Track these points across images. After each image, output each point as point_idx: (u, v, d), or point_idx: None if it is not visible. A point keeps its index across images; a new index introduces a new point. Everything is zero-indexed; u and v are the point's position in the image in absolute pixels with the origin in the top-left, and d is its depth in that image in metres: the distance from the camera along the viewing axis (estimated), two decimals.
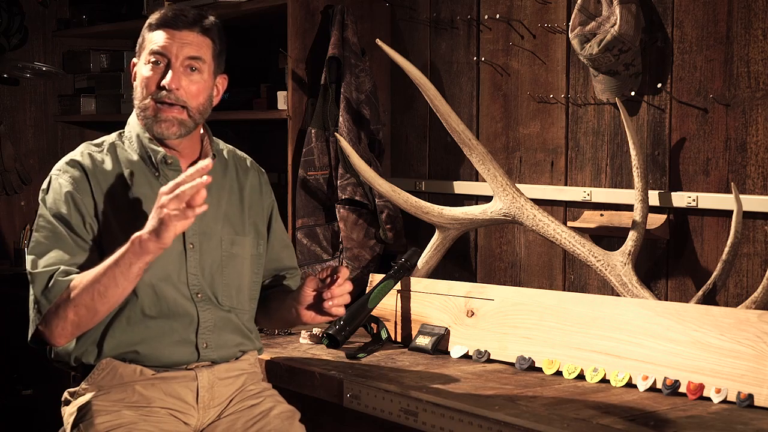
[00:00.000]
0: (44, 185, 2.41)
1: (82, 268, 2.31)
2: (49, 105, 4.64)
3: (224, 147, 2.59)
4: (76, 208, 2.35)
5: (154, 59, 2.38)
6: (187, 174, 2.13)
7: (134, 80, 2.46)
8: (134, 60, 2.47)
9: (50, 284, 2.27)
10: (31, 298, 2.32)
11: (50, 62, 4.58)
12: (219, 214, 2.48)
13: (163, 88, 2.37)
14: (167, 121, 2.39)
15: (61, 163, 2.43)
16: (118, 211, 2.37)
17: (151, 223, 2.15)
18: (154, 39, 2.39)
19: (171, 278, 2.39)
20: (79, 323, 2.27)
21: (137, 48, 2.45)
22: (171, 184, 2.14)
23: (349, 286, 2.46)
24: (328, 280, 2.45)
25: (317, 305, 2.47)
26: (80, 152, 2.44)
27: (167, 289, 2.38)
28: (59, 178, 2.39)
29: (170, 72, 2.37)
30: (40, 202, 2.40)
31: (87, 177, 2.38)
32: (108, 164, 2.41)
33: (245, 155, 2.63)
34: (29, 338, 2.34)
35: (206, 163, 2.13)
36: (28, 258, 2.34)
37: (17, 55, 4.50)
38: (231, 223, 2.50)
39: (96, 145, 2.46)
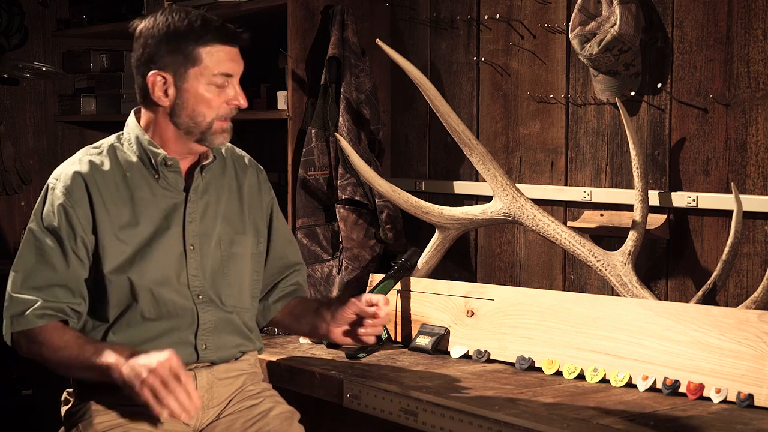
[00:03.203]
0: (41, 196, 2.40)
1: (69, 284, 2.31)
2: (49, 105, 4.64)
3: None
4: (68, 222, 2.33)
5: (222, 81, 2.36)
6: (189, 387, 2.11)
7: (167, 95, 2.35)
8: (158, 71, 2.33)
9: (23, 315, 2.29)
10: (6, 313, 2.33)
11: (50, 62, 4.58)
12: (218, 213, 2.48)
13: (236, 107, 2.40)
14: (227, 132, 2.41)
15: (57, 172, 2.40)
16: (116, 217, 2.36)
17: (132, 377, 2.13)
18: (216, 57, 2.34)
19: (170, 281, 2.38)
20: (44, 363, 2.34)
21: (172, 59, 2.33)
22: (178, 370, 2.11)
23: (385, 320, 2.50)
24: (371, 309, 2.49)
25: (350, 327, 2.52)
26: (78, 159, 2.41)
27: (166, 293, 2.37)
28: (56, 190, 2.36)
29: (237, 91, 2.39)
30: (32, 214, 2.38)
31: (86, 186, 2.35)
32: (107, 166, 2.40)
33: (243, 153, 2.63)
34: (3, 332, 2.37)
35: (198, 404, 2.13)
36: (11, 275, 2.34)
37: (17, 55, 4.50)
38: (230, 222, 2.50)
39: (95, 148, 2.45)
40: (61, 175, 2.38)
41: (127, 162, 2.41)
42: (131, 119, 2.46)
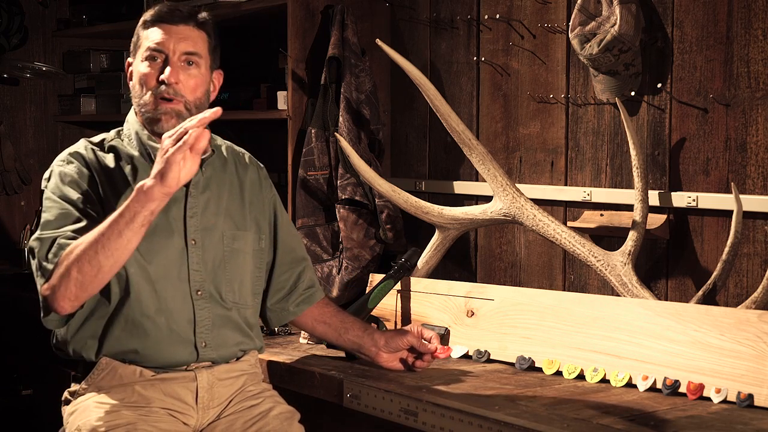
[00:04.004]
0: (46, 175, 2.41)
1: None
2: (49, 105, 4.64)
3: (222, 143, 2.59)
4: (81, 190, 2.34)
5: (151, 55, 2.39)
6: (190, 121, 2.13)
7: (131, 79, 2.46)
8: (129, 59, 2.48)
9: (53, 245, 2.24)
10: (35, 264, 2.27)
11: (50, 62, 4.58)
12: (220, 209, 2.48)
13: (162, 82, 2.37)
14: (166, 113, 2.39)
15: (63, 155, 2.43)
16: (116, 205, 2.36)
17: (156, 168, 2.13)
18: (150, 36, 2.40)
19: (171, 276, 2.38)
20: (83, 282, 2.19)
21: (132, 47, 2.47)
22: (173, 129, 2.14)
23: (439, 357, 2.61)
24: (431, 347, 2.58)
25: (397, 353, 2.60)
26: (83, 146, 2.44)
27: (167, 287, 2.38)
28: (63, 167, 2.39)
29: (168, 67, 2.38)
30: (43, 189, 2.38)
31: (90, 169, 2.39)
32: (110, 161, 2.42)
33: (243, 150, 2.63)
34: (41, 316, 2.31)
35: (211, 112, 2.11)
36: (33, 239, 2.29)
37: (17, 55, 4.50)
38: (232, 218, 2.50)
39: (95, 143, 2.46)
40: (66, 156, 2.41)
41: (128, 156, 2.43)
42: (131, 115, 2.48)
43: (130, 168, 2.41)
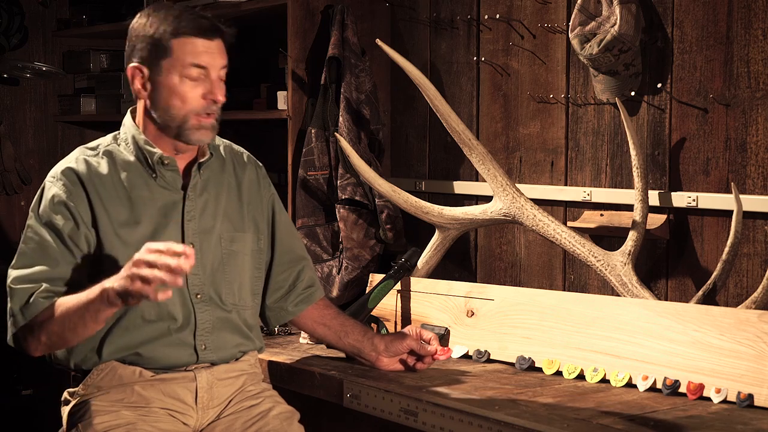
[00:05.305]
0: (37, 194, 2.39)
1: (70, 279, 2.29)
2: (49, 105, 4.64)
3: (221, 143, 2.58)
4: (70, 215, 2.32)
5: (196, 74, 2.33)
6: (172, 249, 2.04)
7: (146, 88, 2.36)
8: (137, 63, 2.37)
9: (29, 301, 2.26)
10: (8, 308, 2.30)
11: (50, 62, 4.58)
12: (218, 211, 2.48)
13: (213, 102, 2.34)
14: (206, 128, 2.37)
15: (55, 171, 2.39)
16: (115, 216, 2.35)
17: (122, 281, 2.08)
18: (190, 50, 2.32)
19: None
20: (50, 345, 2.29)
21: (149, 52, 2.35)
22: (155, 247, 2.05)
23: (439, 359, 2.62)
24: (430, 349, 2.58)
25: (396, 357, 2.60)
26: (75, 158, 2.40)
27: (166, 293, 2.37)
28: (53, 187, 2.36)
29: (213, 85, 2.34)
30: (30, 211, 2.37)
31: (83, 184, 2.35)
32: (104, 168, 2.39)
33: (242, 149, 2.61)
34: (8, 340, 2.34)
35: (191, 253, 2.05)
36: (10, 272, 2.31)
37: (17, 55, 4.50)
38: (230, 219, 2.50)
39: (91, 149, 2.43)
40: (58, 174, 2.38)
41: (124, 162, 2.41)
42: (128, 119, 2.45)
43: (125, 174, 2.39)
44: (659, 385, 2.38)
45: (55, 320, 2.23)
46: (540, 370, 2.60)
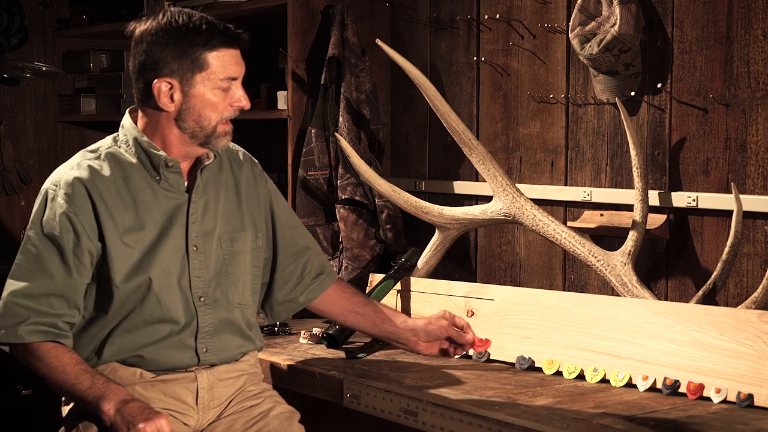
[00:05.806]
0: (38, 200, 2.35)
1: (65, 291, 2.28)
2: (49, 105, 4.64)
3: None
4: (72, 229, 2.30)
5: (227, 85, 2.35)
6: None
7: (173, 100, 2.33)
8: (167, 78, 2.31)
9: (13, 330, 2.26)
10: None
11: (50, 62, 4.58)
12: (218, 212, 2.47)
13: (239, 109, 2.38)
14: (229, 134, 2.40)
15: (56, 178, 2.35)
16: (120, 222, 2.33)
17: (117, 419, 2.17)
18: (223, 62, 2.33)
19: (173, 284, 2.37)
20: (38, 376, 2.33)
21: (179, 65, 2.30)
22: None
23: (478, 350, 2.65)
24: (468, 337, 2.57)
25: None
26: (77, 164, 2.37)
27: (170, 296, 2.36)
28: (57, 197, 2.32)
29: (240, 92, 2.37)
30: (31, 221, 2.34)
31: (88, 193, 2.32)
32: (107, 170, 2.35)
33: (237, 147, 2.59)
34: None
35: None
36: (8, 282, 2.31)
37: (17, 55, 4.50)
38: (229, 220, 2.48)
39: (92, 152, 2.40)
40: (60, 182, 2.33)
41: (127, 164, 2.38)
42: (127, 120, 2.42)
43: (128, 177, 2.37)
44: (659, 385, 2.38)
45: (52, 374, 2.26)
46: (540, 370, 2.60)
